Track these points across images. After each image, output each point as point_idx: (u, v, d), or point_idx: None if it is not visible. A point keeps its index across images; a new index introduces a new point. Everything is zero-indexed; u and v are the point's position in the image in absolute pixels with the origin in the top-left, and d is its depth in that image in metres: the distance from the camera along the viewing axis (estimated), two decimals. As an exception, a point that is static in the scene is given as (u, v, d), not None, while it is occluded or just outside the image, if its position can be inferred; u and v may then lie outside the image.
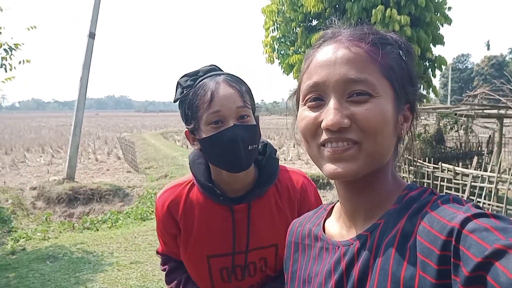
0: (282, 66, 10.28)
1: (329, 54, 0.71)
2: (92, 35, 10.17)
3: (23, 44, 6.63)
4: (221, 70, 1.29)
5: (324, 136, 0.69)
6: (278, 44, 10.50)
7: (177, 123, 50.24)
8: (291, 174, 1.39)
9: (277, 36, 10.47)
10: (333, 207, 0.89)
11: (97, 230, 6.82)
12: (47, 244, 5.95)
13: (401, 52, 0.74)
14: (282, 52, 10.41)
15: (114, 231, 6.66)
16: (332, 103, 0.68)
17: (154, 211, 1.43)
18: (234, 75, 1.25)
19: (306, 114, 0.72)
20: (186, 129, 1.26)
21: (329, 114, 0.67)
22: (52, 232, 6.62)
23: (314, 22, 10.01)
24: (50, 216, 7.74)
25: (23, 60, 6.72)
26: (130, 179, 11.71)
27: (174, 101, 1.28)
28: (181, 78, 1.26)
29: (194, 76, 1.23)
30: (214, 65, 1.29)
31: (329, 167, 0.69)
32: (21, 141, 23.94)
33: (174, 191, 1.33)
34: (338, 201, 0.85)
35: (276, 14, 10.20)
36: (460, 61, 76.60)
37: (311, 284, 0.80)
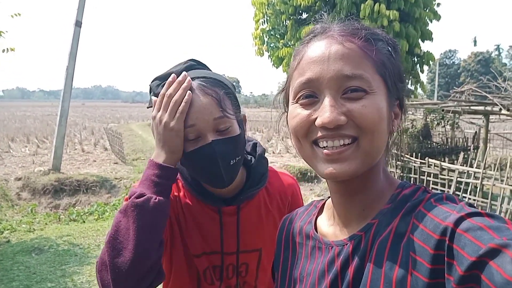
0: (271, 59, 10.24)
1: (322, 50, 0.69)
2: (78, 24, 9.99)
3: (6, 31, 6.48)
4: (200, 66, 1.16)
5: (318, 134, 0.67)
6: (268, 37, 10.45)
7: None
8: (281, 176, 1.33)
9: (267, 29, 10.41)
10: (324, 204, 0.88)
11: (84, 222, 6.77)
12: (33, 236, 5.88)
13: (390, 48, 0.73)
14: (272, 45, 10.37)
15: (101, 223, 6.62)
16: (327, 100, 0.66)
17: None
18: (211, 77, 1.10)
19: (298, 111, 0.70)
20: None
21: (325, 112, 0.66)
22: (37, 224, 6.56)
23: (304, 15, 9.98)
24: (35, 208, 7.66)
25: (7, 49, 6.56)
26: (117, 170, 11.61)
27: (148, 107, 1.15)
28: (152, 81, 1.12)
29: (165, 80, 1.08)
30: (191, 61, 1.15)
31: (325, 168, 0.68)
32: (6, 130, 23.50)
33: None
34: (329, 197, 0.84)
35: (266, 7, 10.13)
36: (447, 57, 77.46)
37: (303, 284, 0.79)
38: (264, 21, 10.40)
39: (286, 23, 9.96)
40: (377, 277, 0.64)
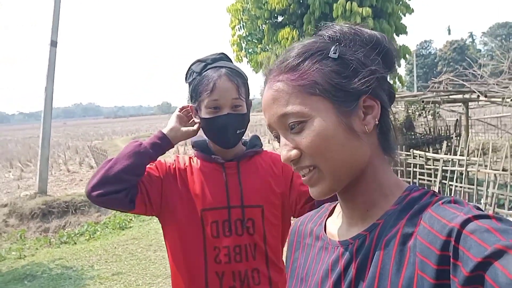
0: (251, 64, 10.29)
1: (264, 98, 0.75)
2: (54, 43, 9.87)
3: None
4: (228, 59, 1.54)
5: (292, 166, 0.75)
6: (245, 43, 10.51)
7: (148, 127, 49.51)
8: (273, 153, 1.63)
9: (244, 35, 10.47)
10: (335, 206, 0.90)
11: (75, 243, 6.67)
12: (24, 262, 5.78)
13: (333, 49, 0.70)
14: (250, 50, 10.43)
15: (93, 243, 6.54)
16: (281, 141, 0.74)
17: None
18: (235, 69, 1.47)
19: (277, 145, 0.80)
20: (191, 105, 1.50)
21: (281, 151, 0.73)
22: (28, 250, 6.45)
23: (280, 18, 10.07)
24: (24, 233, 7.51)
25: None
26: (105, 188, 11.47)
27: (186, 82, 1.52)
28: (193, 63, 1.50)
29: (204, 63, 1.46)
30: (223, 54, 1.53)
31: (310, 190, 0.76)
32: (-13, 157, 23.08)
33: (179, 157, 1.58)
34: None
35: (241, 13, 10.20)
36: (424, 47, 78.70)
37: (308, 283, 0.81)
38: (240, 27, 10.46)
39: (263, 28, 10.04)
40: (384, 277, 0.65)
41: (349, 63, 0.70)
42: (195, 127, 1.49)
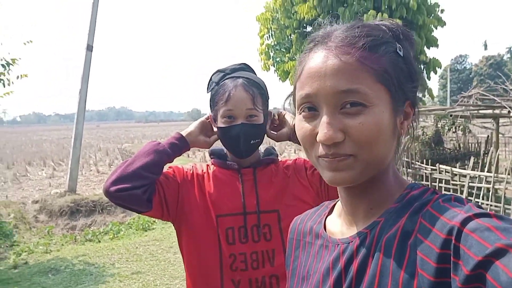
0: (278, 73, 10.36)
1: (319, 64, 0.68)
2: (90, 48, 10.25)
3: (20, 59, 6.71)
4: (250, 69, 1.56)
5: (320, 151, 0.69)
6: (273, 52, 10.58)
7: (177, 132, 50.21)
8: (287, 160, 1.63)
9: (272, 44, 10.56)
10: (334, 204, 0.89)
11: (99, 241, 6.87)
12: (49, 257, 6.00)
13: (398, 46, 0.70)
14: (277, 59, 10.50)
15: (116, 242, 6.71)
16: (324, 118, 0.67)
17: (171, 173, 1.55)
18: (252, 79, 1.47)
19: (302, 125, 0.72)
20: (210, 115, 1.54)
21: (322, 129, 0.66)
22: (54, 245, 6.68)
23: (309, 29, 10.11)
24: (52, 229, 7.78)
25: (21, 75, 6.80)
26: (131, 189, 11.72)
27: (207, 92, 1.54)
28: (213, 73, 1.53)
29: (222, 73, 1.50)
30: (244, 64, 1.56)
31: (327, 175, 0.70)
32: (23, 155, 24.02)
33: (197, 164, 1.60)
34: (339, 199, 0.85)
35: (270, 22, 10.30)
36: (458, 62, 76.70)
37: (309, 282, 0.80)
38: (269, 36, 10.55)
39: (291, 37, 10.10)
40: (385, 275, 0.64)
41: (410, 65, 0.71)
42: (211, 139, 1.52)
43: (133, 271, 5.21)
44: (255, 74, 1.56)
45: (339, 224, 0.82)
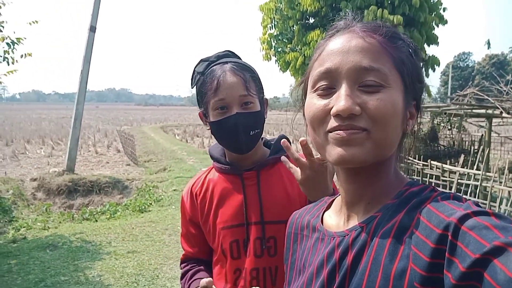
0: (278, 63, 10.44)
1: (343, 43, 0.71)
2: (93, 29, 10.31)
3: (25, 38, 6.79)
4: (235, 55, 1.38)
5: (333, 123, 0.69)
6: (275, 42, 10.65)
7: (177, 117, 50.27)
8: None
9: (275, 34, 10.62)
10: (333, 200, 0.90)
11: (96, 221, 7.02)
12: (47, 233, 6.15)
13: (410, 49, 0.74)
14: (279, 50, 10.57)
15: (113, 222, 6.86)
16: (344, 90, 0.68)
17: (179, 207, 1.50)
18: (241, 63, 1.32)
19: (315, 101, 0.72)
20: (200, 111, 1.37)
21: (341, 100, 0.67)
22: (52, 222, 6.82)
23: (311, 20, 10.17)
24: (50, 207, 7.94)
25: (25, 54, 6.88)
26: (129, 172, 11.91)
27: (191, 87, 1.37)
28: (196, 64, 1.36)
29: (207, 62, 1.32)
30: (228, 51, 1.38)
31: (336, 150, 0.69)
32: (22, 132, 24.09)
33: (196, 177, 1.46)
34: (339, 195, 0.86)
35: (274, 12, 10.35)
36: (461, 59, 76.48)
37: (304, 274, 0.81)
38: (272, 26, 10.61)
39: (294, 28, 10.16)
40: (376, 268, 0.64)
41: (419, 69, 0.76)
42: None
43: (128, 250, 5.37)
44: (241, 59, 1.41)
45: (336, 218, 0.83)
